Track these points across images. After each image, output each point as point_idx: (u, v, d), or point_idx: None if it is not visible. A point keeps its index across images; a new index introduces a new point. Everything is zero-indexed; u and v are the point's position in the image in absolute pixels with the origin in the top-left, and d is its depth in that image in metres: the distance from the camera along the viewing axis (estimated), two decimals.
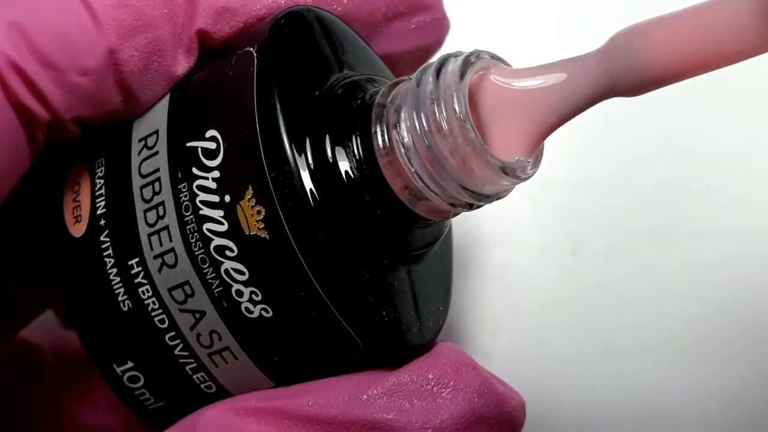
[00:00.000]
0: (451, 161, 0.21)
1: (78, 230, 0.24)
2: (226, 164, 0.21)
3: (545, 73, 0.21)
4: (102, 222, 0.23)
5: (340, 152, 0.22)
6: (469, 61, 0.21)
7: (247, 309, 0.22)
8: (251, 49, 0.22)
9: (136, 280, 0.23)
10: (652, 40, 0.19)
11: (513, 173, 0.21)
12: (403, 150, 0.21)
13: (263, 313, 0.22)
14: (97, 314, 0.24)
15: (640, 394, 0.34)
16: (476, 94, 0.21)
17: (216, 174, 0.21)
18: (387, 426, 0.21)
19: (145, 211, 0.22)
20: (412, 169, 0.21)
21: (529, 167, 0.21)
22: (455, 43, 0.25)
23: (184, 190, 0.22)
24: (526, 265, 0.35)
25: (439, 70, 0.21)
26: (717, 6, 0.19)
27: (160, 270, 0.22)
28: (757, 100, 0.34)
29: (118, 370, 0.24)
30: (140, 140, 0.23)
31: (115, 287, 0.23)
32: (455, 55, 0.21)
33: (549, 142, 0.22)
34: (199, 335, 0.22)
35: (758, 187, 0.34)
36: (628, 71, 0.20)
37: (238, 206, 0.21)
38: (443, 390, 0.22)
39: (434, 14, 0.26)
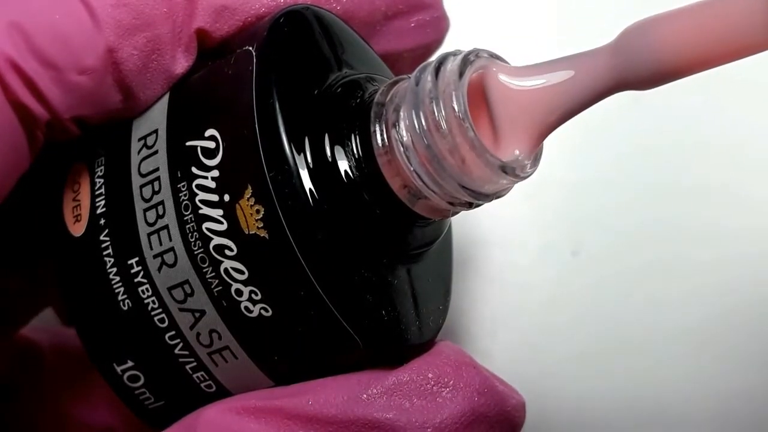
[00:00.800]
0: (450, 160, 0.21)
1: (78, 230, 0.24)
2: (226, 163, 0.21)
3: (553, 70, 0.21)
4: (102, 221, 0.23)
5: (339, 151, 0.22)
6: (468, 60, 0.21)
7: (246, 308, 0.22)
8: (250, 48, 0.22)
9: (135, 280, 0.23)
10: (664, 34, 0.19)
11: (512, 172, 0.21)
12: (402, 149, 0.21)
13: (263, 312, 0.22)
14: (97, 314, 0.24)
15: (641, 394, 0.34)
16: (478, 92, 0.21)
17: (215, 173, 0.21)
18: (387, 425, 0.21)
19: (145, 210, 0.22)
20: (411, 168, 0.21)
21: (529, 166, 0.21)
22: (455, 41, 0.25)
23: (183, 189, 0.22)
24: (526, 265, 0.35)
25: (438, 69, 0.21)
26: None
27: (159, 269, 0.22)
28: (761, 97, 0.34)
29: (118, 369, 0.24)
30: (140, 139, 0.23)
31: (114, 286, 0.23)
32: (454, 53, 0.21)
33: (549, 142, 0.22)
34: (198, 334, 0.22)
35: (761, 186, 0.34)
36: (641, 65, 0.20)
37: (237, 205, 0.21)
38: (443, 389, 0.22)
39: (434, 13, 0.26)
